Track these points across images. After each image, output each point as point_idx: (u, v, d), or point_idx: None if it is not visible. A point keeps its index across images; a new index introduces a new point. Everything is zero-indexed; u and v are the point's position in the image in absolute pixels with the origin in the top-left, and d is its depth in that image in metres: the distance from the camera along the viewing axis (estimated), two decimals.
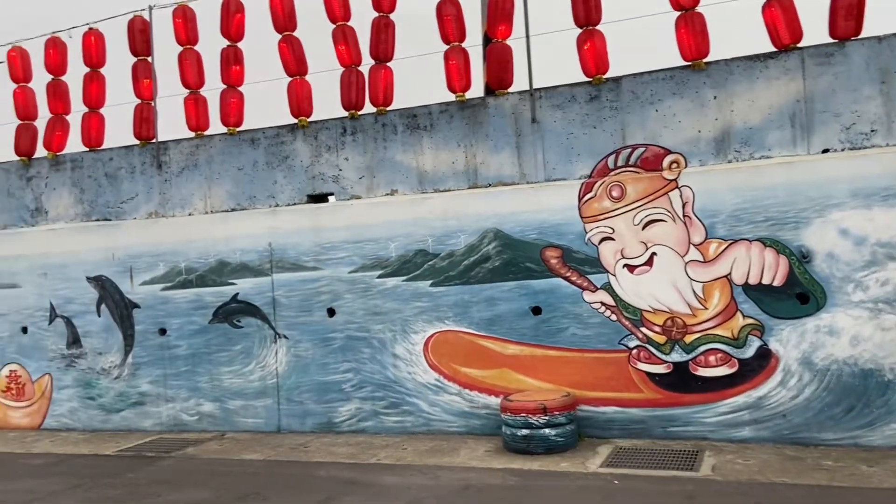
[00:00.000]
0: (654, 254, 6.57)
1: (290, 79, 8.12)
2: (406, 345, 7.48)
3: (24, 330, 9.17)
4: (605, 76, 6.87)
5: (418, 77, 8.95)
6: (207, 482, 6.20)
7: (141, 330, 8.59)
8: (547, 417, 6.21)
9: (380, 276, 7.62)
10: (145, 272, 8.60)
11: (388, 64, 7.78)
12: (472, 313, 7.24)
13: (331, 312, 7.79)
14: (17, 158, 9.34)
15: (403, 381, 7.46)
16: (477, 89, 7.83)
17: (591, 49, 6.84)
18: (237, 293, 8.17)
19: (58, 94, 9.04)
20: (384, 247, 7.63)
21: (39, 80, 9.28)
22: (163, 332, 8.49)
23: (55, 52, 8.95)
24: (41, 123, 9.27)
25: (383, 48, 7.73)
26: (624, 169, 6.73)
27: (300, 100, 8.07)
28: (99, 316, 8.78)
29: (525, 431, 6.25)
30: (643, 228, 6.60)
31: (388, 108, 7.76)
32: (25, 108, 9.23)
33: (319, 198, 8.09)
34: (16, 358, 9.24)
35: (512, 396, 6.62)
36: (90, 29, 8.78)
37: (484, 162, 7.36)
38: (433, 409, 7.33)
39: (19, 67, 9.20)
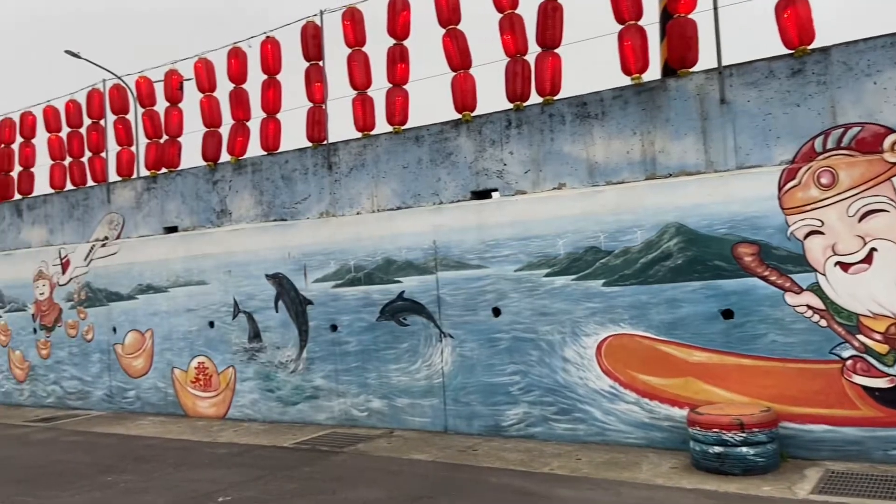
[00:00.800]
0: (873, 249, 5.66)
1: (453, 73, 7.97)
2: (577, 348, 7.04)
3: (211, 324, 9.77)
4: (809, 47, 6.03)
5: (587, 63, 8.47)
6: (379, 481, 6.15)
7: (314, 326, 8.84)
8: (744, 434, 5.52)
9: (547, 275, 7.24)
10: (318, 270, 8.83)
11: (556, 51, 7.38)
12: (650, 315, 6.67)
13: (496, 312, 7.53)
14: (204, 164, 9.99)
15: (574, 386, 7.03)
16: (653, 71, 7.22)
17: (793, 16, 6.03)
18: (403, 291, 8.15)
19: (239, 101, 9.54)
20: (552, 244, 7.24)
21: (223, 89, 9.88)
22: (334, 328, 8.66)
23: (236, 62, 9.44)
24: (225, 130, 9.85)
25: (550, 35, 7.35)
26: (835, 152, 5.86)
27: (464, 94, 7.89)
28: (277, 312, 9.14)
29: (718, 449, 5.60)
30: (860, 220, 5.70)
31: (555, 98, 7.36)
32: (211, 117, 9.84)
33: (483, 194, 7.86)
34: (203, 350, 9.86)
35: (701, 409, 5.98)
36: (267, 37, 9.17)
37: (663, 150, 6.75)
38: (608, 417, 6.84)
39: (205, 79, 9.82)
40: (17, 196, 12.28)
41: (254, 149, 9.63)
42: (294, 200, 9.17)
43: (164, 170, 10.49)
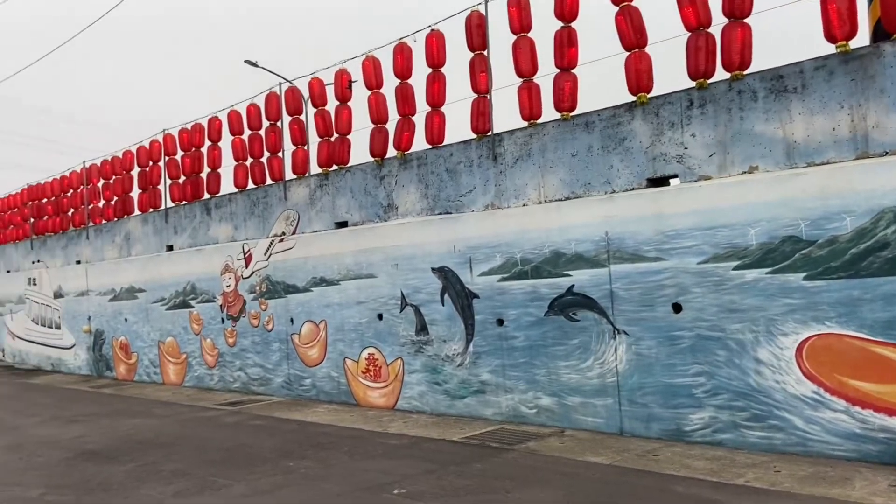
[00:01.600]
0: None
1: (627, 53, 7.50)
2: (772, 348, 6.36)
3: (380, 317, 9.98)
4: None
5: (779, 33, 7.65)
6: (553, 482, 5.89)
7: (480, 320, 8.73)
8: None
9: (736, 268, 6.60)
10: (483, 263, 8.71)
11: (746, 21, 6.70)
12: (863, 313, 5.86)
13: (676, 308, 7.00)
14: (372, 159, 10.21)
15: (770, 391, 6.35)
16: (861, 37, 6.35)
17: None
18: (572, 285, 7.82)
19: (405, 96, 9.64)
20: (741, 233, 6.59)
21: (389, 85, 10.03)
22: (500, 322, 8.51)
23: (402, 58, 9.55)
24: (391, 126, 10.01)
25: (739, 4, 6.68)
26: None
27: (639, 75, 7.40)
28: (443, 305, 9.14)
29: None
30: None
31: (745, 73, 6.69)
32: (378, 113, 10.04)
33: (660, 181, 7.34)
34: (373, 342, 10.10)
35: None
36: (432, 31, 9.17)
37: (878, 125, 5.91)
38: (811, 426, 6.11)
39: (372, 75, 10.02)
40: (206, 195, 13.31)
41: (419, 143, 9.72)
42: (459, 193, 9.11)
43: (334, 167, 10.87)
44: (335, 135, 10.87)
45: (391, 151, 9.96)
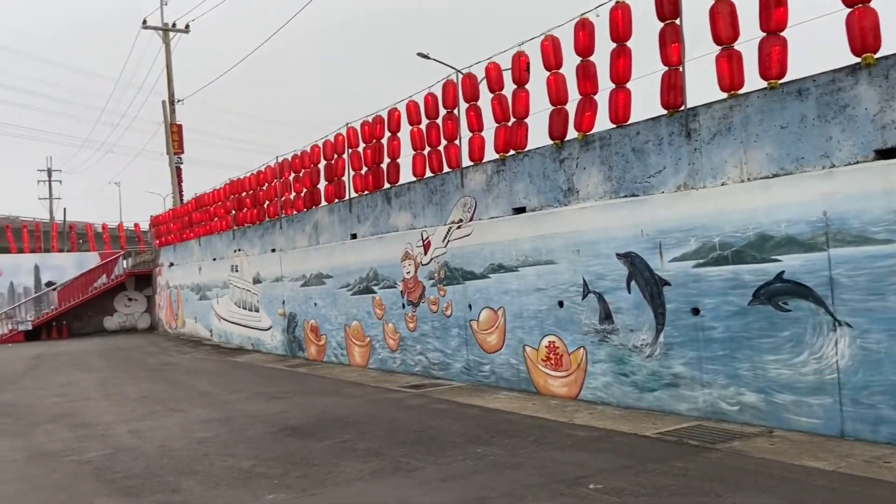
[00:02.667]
0: None
1: (848, 10, 6.61)
2: None
3: (560, 304, 9.71)
4: None
5: None
6: (770, 488, 5.35)
7: (672, 309, 8.20)
8: None
9: None
10: (675, 248, 8.16)
11: None
12: None
13: None
14: (551, 142, 9.94)
15: None
16: None
17: None
18: (782, 271, 7.07)
19: (587, 74, 9.26)
20: None
21: (569, 64, 9.70)
22: (696, 311, 7.93)
23: (584, 34, 9.17)
24: (571, 106, 9.67)
25: None
26: None
27: (864, 33, 6.50)
28: (629, 293, 8.70)
29: None
30: None
31: None
32: (558, 94, 9.74)
33: (891, 152, 6.41)
34: (553, 330, 9.87)
35: None
36: (618, 3, 8.71)
37: None
38: None
39: (551, 55, 9.73)
40: (387, 185, 13.74)
41: (601, 122, 9.30)
42: (646, 174, 8.60)
43: (512, 152, 10.73)
44: (512, 119, 10.72)
45: (571, 133, 9.63)
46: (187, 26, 31.44)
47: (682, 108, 8.17)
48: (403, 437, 7.80)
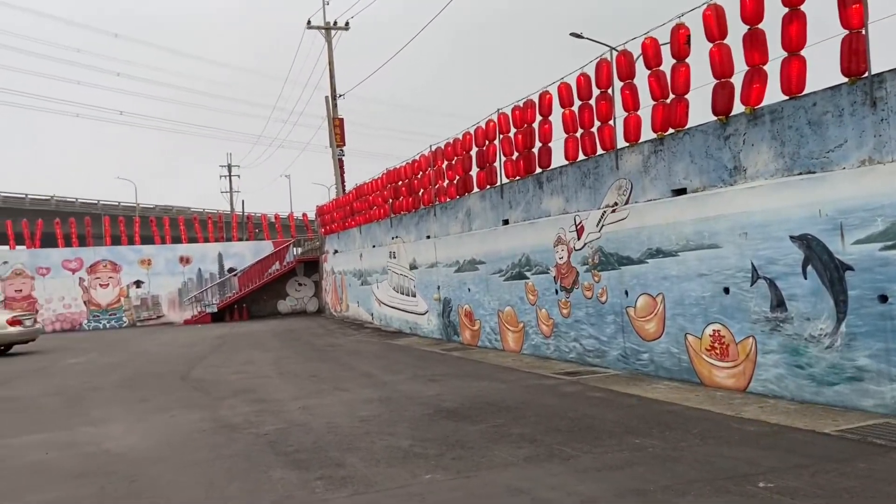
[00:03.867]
0: None
1: None
2: None
3: (726, 290, 9.14)
4: None
5: None
6: None
7: (855, 296, 7.45)
8: None
9: None
10: (858, 229, 7.39)
11: None
12: None
13: None
14: (714, 119, 9.35)
15: None
16: None
17: None
18: None
19: (755, 43, 8.58)
20: None
21: (734, 34, 9.05)
22: (883, 299, 7.15)
23: (752, 1, 8.50)
24: (737, 79, 9.03)
25: None
26: None
27: None
28: (805, 278, 8.01)
29: None
30: None
31: None
32: (721, 66, 9.12)
33: None
34: (718, 318, 9.32)
35: None
36: None
37: None
38: None
39: (714, 25, 9.13)
40: (538, 170, 13.62)
41: (772, 95, 8.60)
42: (824, 149, 7.85)
43: (670, 130, 10.22)
44: (671, 96, 10.20)
45: (737, 108, 9.00)
46: (347, 24, 32.95)
47: (866, 74, 7.36)
48: (558, 425, 7.73)
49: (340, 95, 32.53)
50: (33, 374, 15.38)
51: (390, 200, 21.39)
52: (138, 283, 32.64)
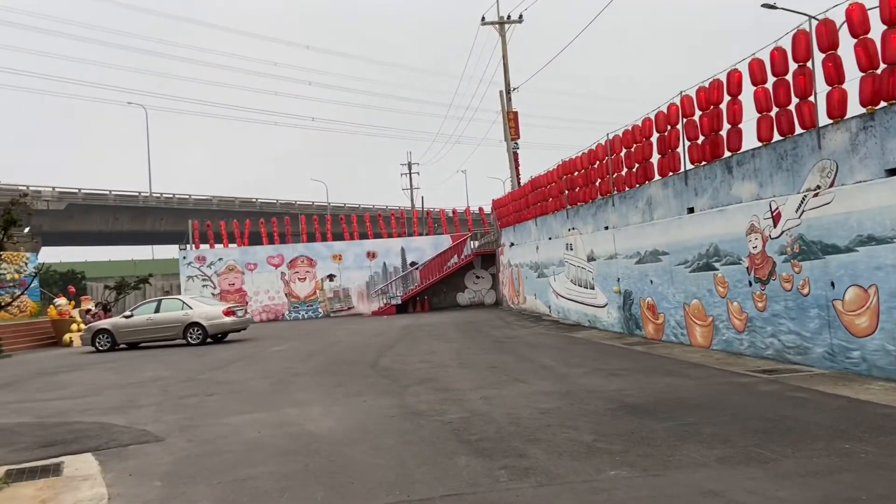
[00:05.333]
0: None
1: None
2: None
3: None
4: None
5: None
6: None
7: None
8: None
9: None
10: None
11: None
12: None
13: None
14: None
15: None
16: None
17: None
18: None
19: None
20: None
21: None
22: None
23: None
24: None
25: None
26: None
27: None
28: None
29: None
30: None
31: None
32: None
33: None
34: None
35: None
36: None
37: None
38: None
39: None
40: (727, 153, 12.77)
41: None
42: None
43: (882, 104, 9.13)
44: (882, 66, 9.11)
45: None
46: (521, 16, 33.00)
47: None
48: (754, 426, 7.22)
49: (514, 89, 32.68)
50: (244, 360, 17.10)
51: (566, 191, 21.15)
52: (331, 277, 35.13)
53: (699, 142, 13.53)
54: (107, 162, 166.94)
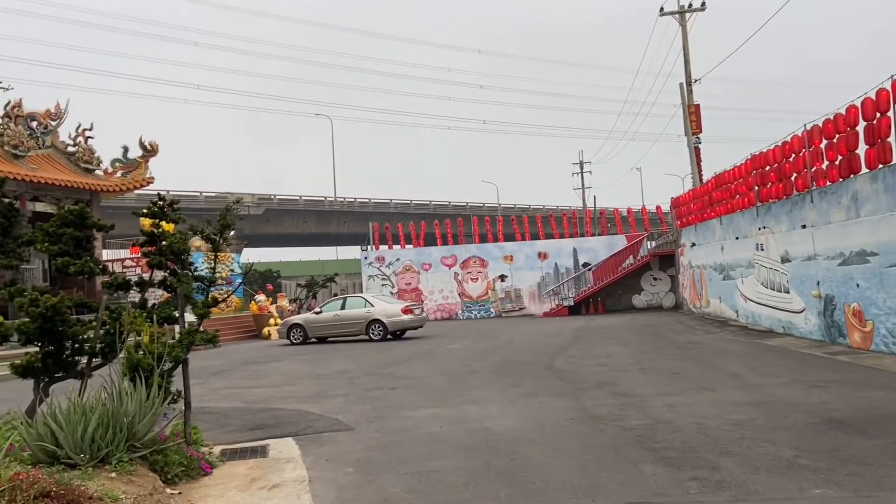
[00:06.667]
0: None
1: None
2: None
3: None
4: None
5: None
6: None
7: None
8: None
9: None
10: None
11: None
12: None
13: None
14: None
15: None
16: None
17: None
18: None
19: None
20: None
21: None
22: None
23: None
24: None
25: None
26: None
27: None
28: None
29: None
30: None
31: None
32: None
33: None
34: None
35: None
36: None
37: None
38: None
39: None
40: None
41: None
42: None
43: None
44: None
45: None
46: (703, 3, 31.34)
47: None
48: None
49: (696, 80, 31.06)
50: (422, 356, 17.74)
51: (755, 188, 19.70)
52: (502, 277, 35.48)
53: None
54: (294, 169, 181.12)
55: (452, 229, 37.21)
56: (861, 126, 13.90)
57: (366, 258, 37.22)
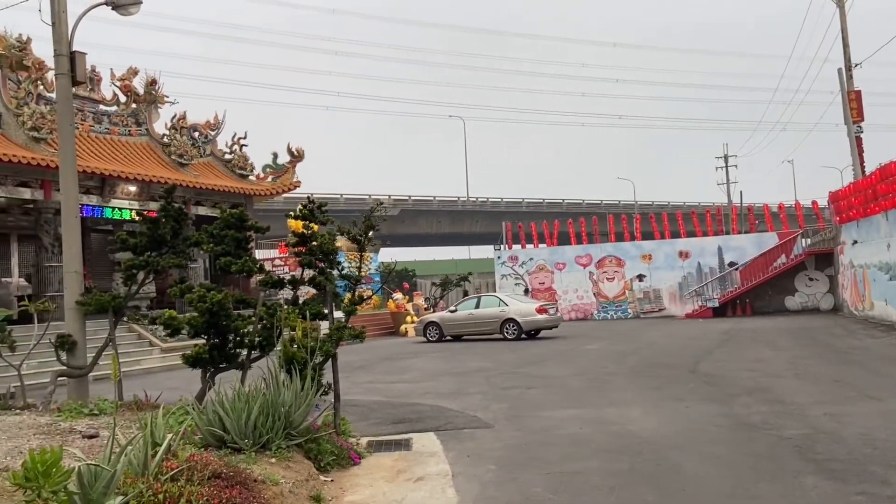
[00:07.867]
0: None
1: None
2: None
3: None
4: None
5: None
6: None
7: None
8: None
9: None
10: None
11: None
12: None
13: None
14: None
15: None
16: None
17: None
18: None
19: None
20: None
21: None
22: None
23: None
24: None
25: None
26: None
27: None
28: None
29: None
30: None
31: None
32: None
33: None
34: None
35: None
36: None
37: None
38: None
39: None
40: None
41: None
42: None
43: None
44: None
45: None
46: None
47: None
48: None
49: (856, 65, 28.59)
50: (558, 357, 17.56)
51: None
52: (640, 277, 34.38)
53: None
54: (428, 169, 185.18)
55: (587, 228, 36.53)
56: None
57: (499, 258, 37.36)
